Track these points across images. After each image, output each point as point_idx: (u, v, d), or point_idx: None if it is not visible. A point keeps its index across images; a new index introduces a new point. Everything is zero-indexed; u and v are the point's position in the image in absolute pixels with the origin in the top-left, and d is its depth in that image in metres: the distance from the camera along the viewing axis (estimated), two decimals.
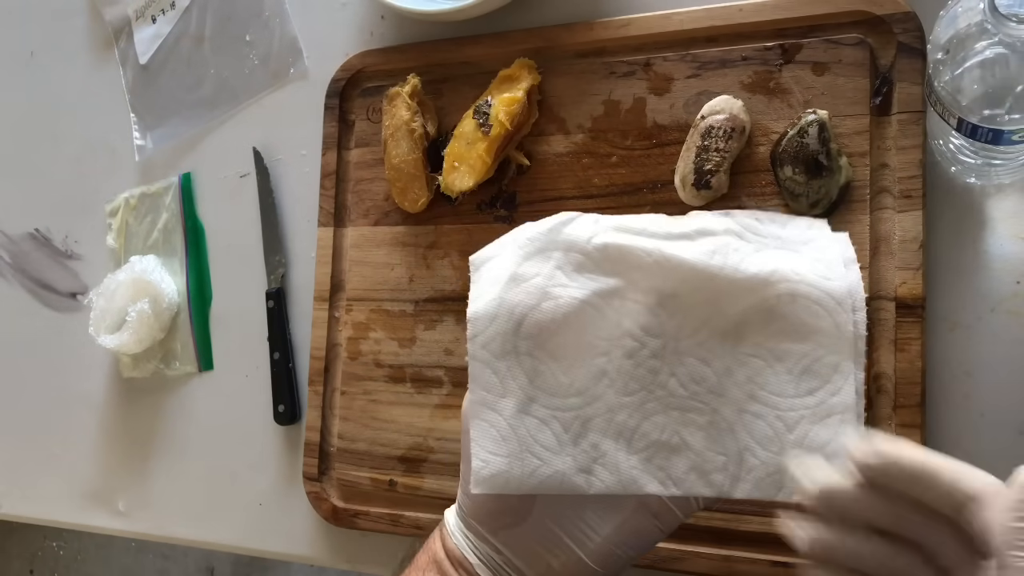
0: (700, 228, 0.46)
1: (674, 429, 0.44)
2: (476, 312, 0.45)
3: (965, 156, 0.51)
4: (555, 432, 0.44)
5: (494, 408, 0.44)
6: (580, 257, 0.45)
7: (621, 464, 0.44)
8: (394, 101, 0.65)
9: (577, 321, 0.45)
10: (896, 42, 0.53)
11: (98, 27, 0.88)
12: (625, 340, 0.44)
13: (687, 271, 0.44)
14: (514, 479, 0.43)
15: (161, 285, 0.78)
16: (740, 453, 0.44)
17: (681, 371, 0.44)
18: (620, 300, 0.45)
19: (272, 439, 0.72)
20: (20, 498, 0.86)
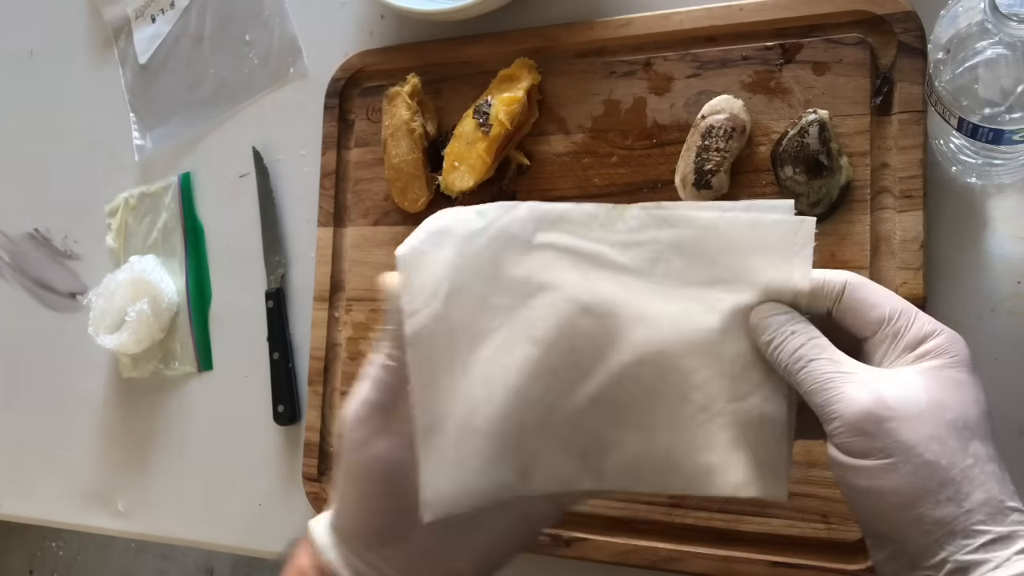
0: (637, 240, 0.41)
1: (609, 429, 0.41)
2: (416, 335, 0.41)
3: (966, 156, 0.50)
4: (495, 445, 0.40)
5: (440, 431, 0.40)
6: (517, 256, 0.41)
7: (557, 464, 0.40)
8: (394, 101, 0.65)
9: (520, 324, 0.41)
10: (897, 42, 0.53)
11: (98, 27, 0.88)
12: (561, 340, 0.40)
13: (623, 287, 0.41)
14: (465, 498, 0.39)
15: (160, 285, 0.78)
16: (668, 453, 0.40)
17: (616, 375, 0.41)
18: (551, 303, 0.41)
19: (272, 439, 0.72)
20: (20, 498, 0.86)
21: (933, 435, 0.33)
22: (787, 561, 0.52)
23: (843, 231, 0.53)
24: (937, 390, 0.34)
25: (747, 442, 0.40)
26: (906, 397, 0.34)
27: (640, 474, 0.41)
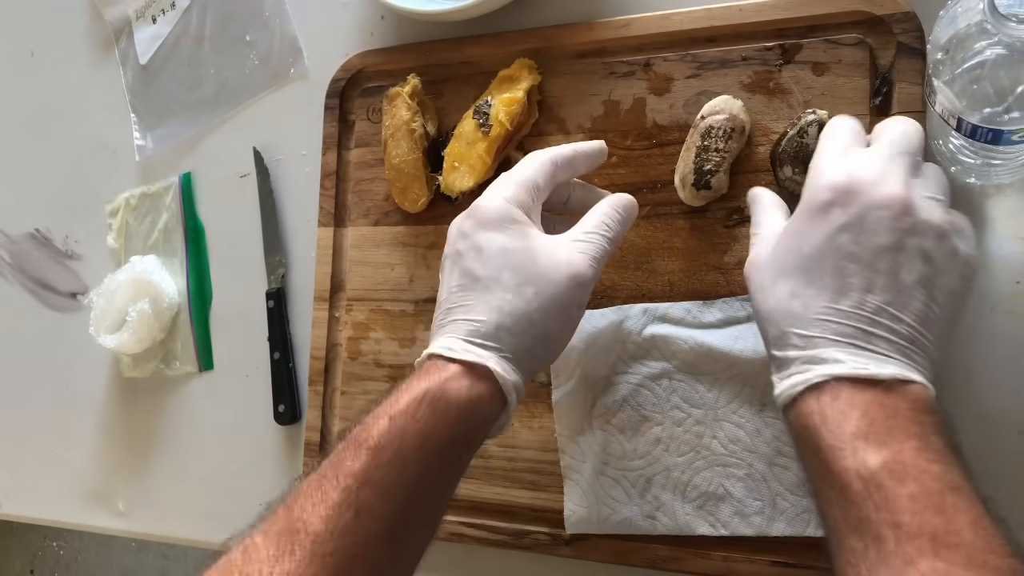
0: (726, 317, 0.55)
1: (719, 482, 0.54)
2: (559, 402, 0.58)
3: (965, 156, 0.51)
4: (624, 488, 0.56)
5: (578, 471, 0.57)
6: (634, 347, 0.57)
7: (678, 511, 0.55)
8: (394, 101, 0.65)
9: (634, 400, 0.57)
10: (896, 42, 0.53)
11: (98, 27, 0.88)
12: (674, 412, 0.56)
13: (717, 355, 0.55)
14: (594, 523, 0.56)
15: (161, 285, 0.78)
16: (773, 498, 0.53)
17: (721, 434, 0.54)
18: (668, 380, 0.56)
19: (272, 439, 0.72)
20: (21, 498, 0.86)
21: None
22: (787, 561, 0.52)
23: None
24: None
25: None
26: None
27: (749, 518, 0.53)
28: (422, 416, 0.43)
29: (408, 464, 0.42)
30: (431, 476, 0.43)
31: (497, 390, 0.44)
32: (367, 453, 0.42)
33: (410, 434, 0.42)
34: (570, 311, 0.47)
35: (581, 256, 0.47)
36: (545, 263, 0.46)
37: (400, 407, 0.43)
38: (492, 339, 0.45)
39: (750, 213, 0.50)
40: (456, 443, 0.44)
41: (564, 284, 0.46)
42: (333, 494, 0.41)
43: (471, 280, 0.47)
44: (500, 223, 0.47)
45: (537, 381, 0.60)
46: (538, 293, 0.45)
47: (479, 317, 0.46)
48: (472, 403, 0.44)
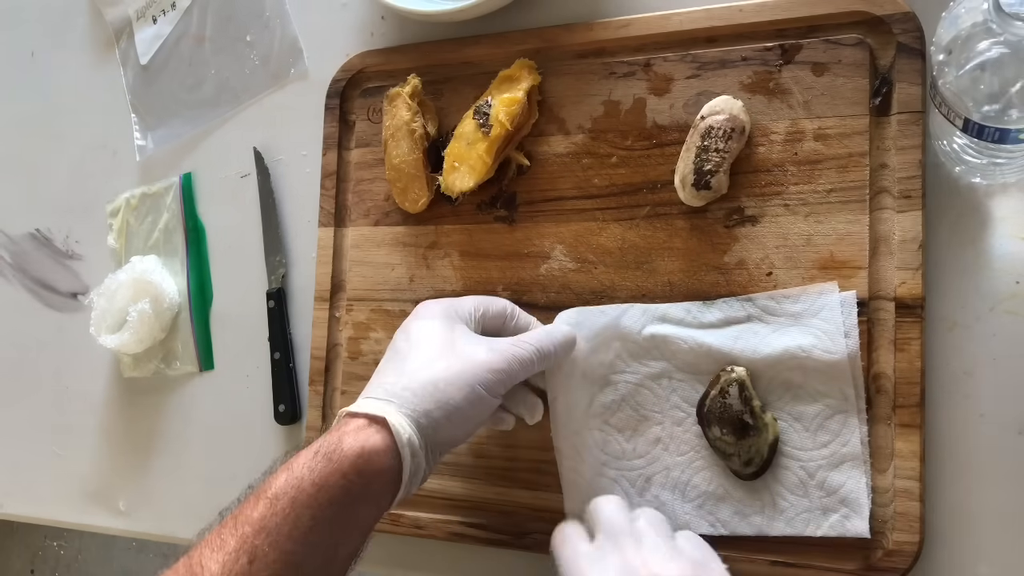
0: (726, 317, 0.55)
1: (719, 481, 0.54)
2: (555, 400, 0.58)
3: (969, 156, 0.51)
4: (624, 488, 0.56)
5: (577, 471, 0.57)
6: (634, 346, 0.57)
7: (678, 511, 0.55)
8: (394, 101, 0.65)
9: (634, 399, 0.57)
10: (896, 42, 0.53)
11: (99, 27, 0.88)
12: (674, 411, 0.56)
13: (717, 355, 0.54)
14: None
15: (162, 285, 0.78)
16: (773, 498, 0.53)
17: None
18: (667, 379, 0.56)
19: (273, 439, 0.72)
20: (21, 498, 0.86)
21: None
22: (787, 561, 0.52)
23: (841, 231, 0.53)
24: None
25: (833, 484, 0.51)
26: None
27: (749, 517, 0.53)
28: (318, 467, 0.45)
29: (301, 512, 0.44)
30: (324, 525, 0.44)
31: (392, 443, 0.46)
32: (265, 502, 0.44)
33: (306, 483, 0.44)
34: (476, 390, 0.49)
35: (501, 352, 0.51)
36: (462, 346, 0.51)
37: (300, 460, 0.46)
38: (395, 395, 0.48)
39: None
40: (350, 493, 0.45)
41: (475, 363, 0.50)
42: (231, 540, 0.43)
43: (393, 354, 0.52)
44: (432, 316, 0.53)
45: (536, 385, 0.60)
46: (447, 367, 0.49)
47: (388, 379, 0.50)
48: (366, 452, 0.46)
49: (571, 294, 0.60)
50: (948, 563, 0.51)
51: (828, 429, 0.52)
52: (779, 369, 0.53)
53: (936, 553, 0.51)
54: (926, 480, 0.50)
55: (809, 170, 0.55)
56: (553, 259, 0.61)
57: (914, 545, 0.49)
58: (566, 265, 0.61)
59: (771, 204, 0.55)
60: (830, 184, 0.54)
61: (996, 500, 0.50)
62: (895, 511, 0.50)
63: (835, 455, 0.51)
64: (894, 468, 0.51)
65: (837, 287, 0.52)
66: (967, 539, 0.50)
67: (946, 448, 0.51)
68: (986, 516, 0.50)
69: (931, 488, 0.51)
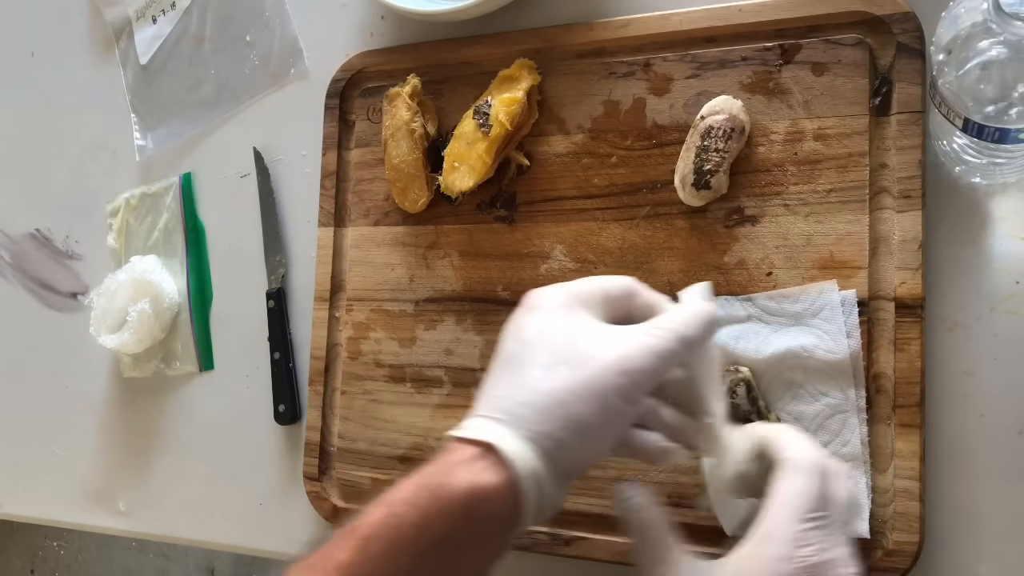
0: (727, 316, 0.55)
1: None
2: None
3: (969, 156, 0.51)
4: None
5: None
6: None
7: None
8: (394, 101, 0.65)
9: None
10: (895, 42, 0.53)
11: (98, 27, 0.88)
12: None
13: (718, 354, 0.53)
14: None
15: (162, 285, 0.78)
16: None
17: None
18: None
19: (272, 439, 0.72)
20: (21, 498, 0.86)
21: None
22: None
23: (841, 231, 0.53)
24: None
25: None
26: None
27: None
28: (422, 504, 0.37)
29: (400, 559, 0.37)
30: (425, 575, 0.38)
31: (510, 479, 0.38)
32: (356, 543, 0.37)
33: (406, 524, 0.37)
34: (609, 400, 0.39)
35: (635, 345, 0.40)
36: (588, 344, 0.41)
37: (400, 494, 0.38)
38: (511, 415, 0.39)
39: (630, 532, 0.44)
40: (459, 539, 0.38)
41: (606, 367, 0.39)
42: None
43: (506, 360, 0.42)
44: (548, 308, 0.43)
45: None
46: (572, 372, 0.39)
47: (503, 392, 0.41)
48: (477, 491, 0.37)
49: None
50: (948, 563, 0.51)
51: (828, 429, 0.52)
52: (780, 369, 0.53)
53: (936, 553, 0.51)
54: (926, 480, 0.50)
55: (809, 170, 0.55)
56: (553, 259, 0.61)
57: (914, 545, 0.49)
58: (566, 265, 0.61)
59: (771, 204, 0.55)
60: (830, 184, 0.54)
61: (996, 500, 0.50)
62: (895, 511, 0.50)
63: (835, 455, 0.51)
64: (894, 468, 0.51)
65: (837, 286, 0.52)
66: (967, 539, 0.50)
67: (946, 448, 0.51)
68: (986, 516, 0.50)
69: (931, 488, 0.51)
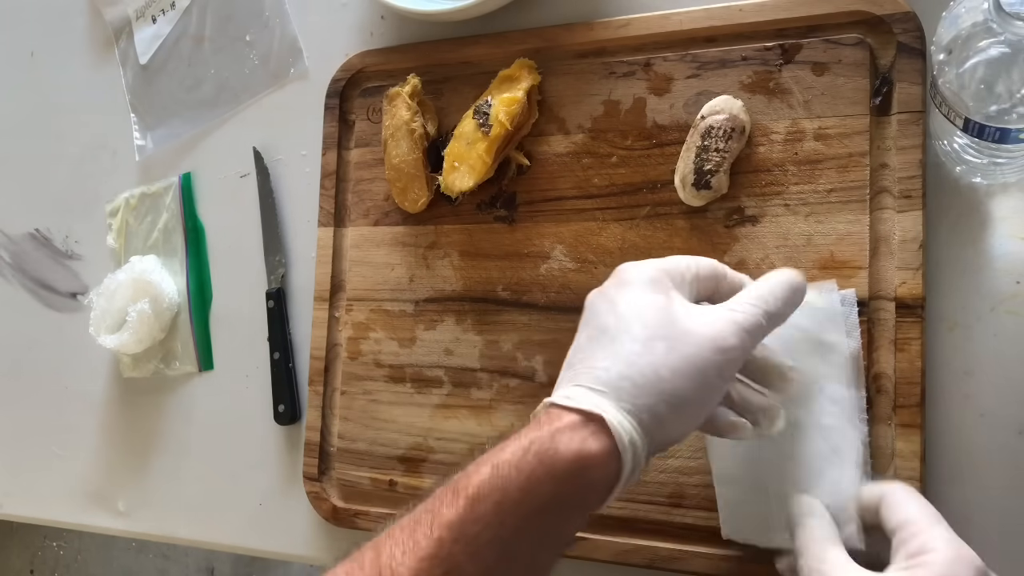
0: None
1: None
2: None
3: (969, 155, 0.51)
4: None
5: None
6: None
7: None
8: (394, 101, 0.65)
9: None
10: (896, 42, 0.53)
11: (98, 27, 0.88)
12: None
13: None
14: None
15: (161, 285, 0.78)
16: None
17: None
18: None
19: (272, 439, 0.72)
20: (21, 498, 0.86)
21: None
22: None
23: (842, 231, 0.53)
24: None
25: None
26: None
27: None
28: (527, 467, 0.39)
29: (506, 519, 0.39)
30: (530, 537, 0.39)
31: (613, 448, 0.40)
32: (465, 502, 0.39)
33: (513, 486, 0.39)
34: (708, 376, 0.41)
35: (727, 322, 0.42)
36: (683, 322, 0.42)
37: (505, 456, 0.40)
38: (612, 387, 0.41)
39: (793, 530, 0.46)
40: (563, 503, 0.40)
41: (702, 345, 0.41)
42: (424, 543, 0.38)
43: (599, 332, 0.43)
44: (642, 284, 0.44)
45: None
46: (670, 349, 0.41)
47: (601, 364, 0.42)
48: (583, 458, 0.39)
49: (571, 294, 0.60)
50: None
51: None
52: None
53: None
54: (926, 480, 0.50)
55: (809, 170, 0.55)
56: (553, 259, 0.61)
57: None
58: (566, 265, 0.61)
59: (771, 204, 0.55)
60: (830, 184, 0.54)
61: (996, 500, 0.50)
62: None
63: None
64: (894, 468, 0.51)
65: (836, 285, 0.52)
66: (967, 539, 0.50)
67: (946, 448, 0.51)
68: (986, 516, 0.50)
69: (931, 488, 0.51)
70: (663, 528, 0.56)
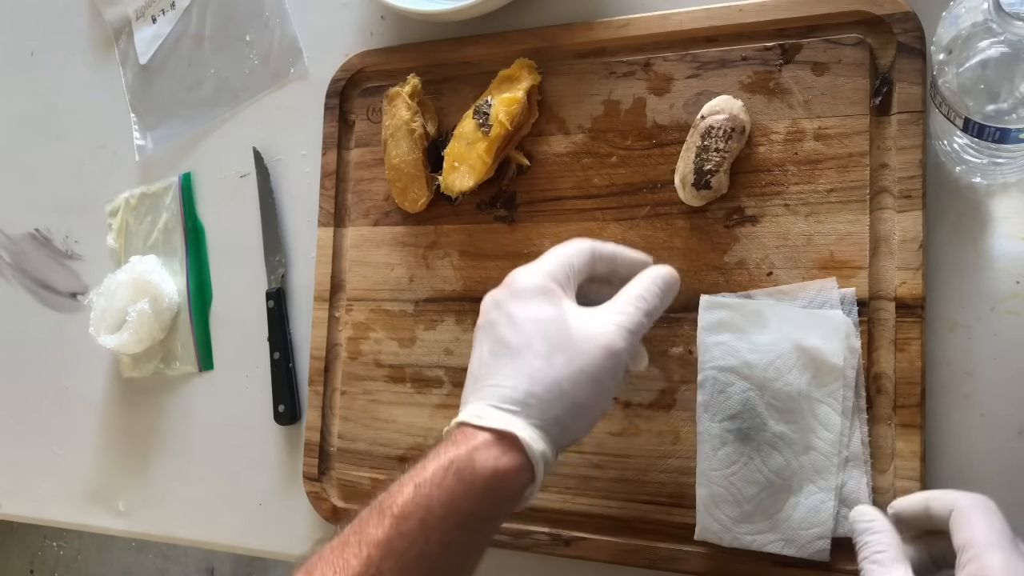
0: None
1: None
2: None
3: (969, 155, 0.51)
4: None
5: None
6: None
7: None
8: (394, 101, 0.65)
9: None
10: (896, 42, 0.53)
11: (98, 27, 0.88)
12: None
13: None
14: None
15: (161, 285, 0.78)
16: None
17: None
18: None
19: (272, 439, 0.72)
20: (20, 498, 0.86)
21: None
22: (787, 560, 0.52)
23: (842, 231, 0.53)
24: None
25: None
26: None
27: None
28: (448, 485, 0.42)
29: (431, 535, 0.41)
30: (453, 549, 0.42)
31: (525, 461, 0.43)
32: (390, 521, 0.41)
33: (435, 503, 0.41)
34: (603, 382, 0.45)
35: (614, 327, 0.46)
36: (577, 332, 0.46)
37: (427, 475, 0.42)
38: (520, 405, 0.44)
39: (856, 543, 0.47)
40: (481, 516, 0.43)
41: (596, 354, 0.45)
42: (354, 562, 0.40)
43: (502, 347, 0.46)
44: (533, 294, 0.47)
45: None
46: (569, 361, 0.45)
47: (508, 383, 0.45)
48: (499, 474, 0.42)
49: None
50: None
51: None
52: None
53: None
54: (926, 480, 0.50)
55: (809, 170, 0.55)
56: None
57: None
58: None
59: (771, 204, 0.55)
60: (830, 184, 0.54)
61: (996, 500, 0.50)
62: None
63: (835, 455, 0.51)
64: (894, 468, 0.51)
65: (836, 284, 0.52)
66: None
67: (946, 448, 0.51)
68: None
69: (931, 488, 0.51)
70: (663, 528, 0.56)
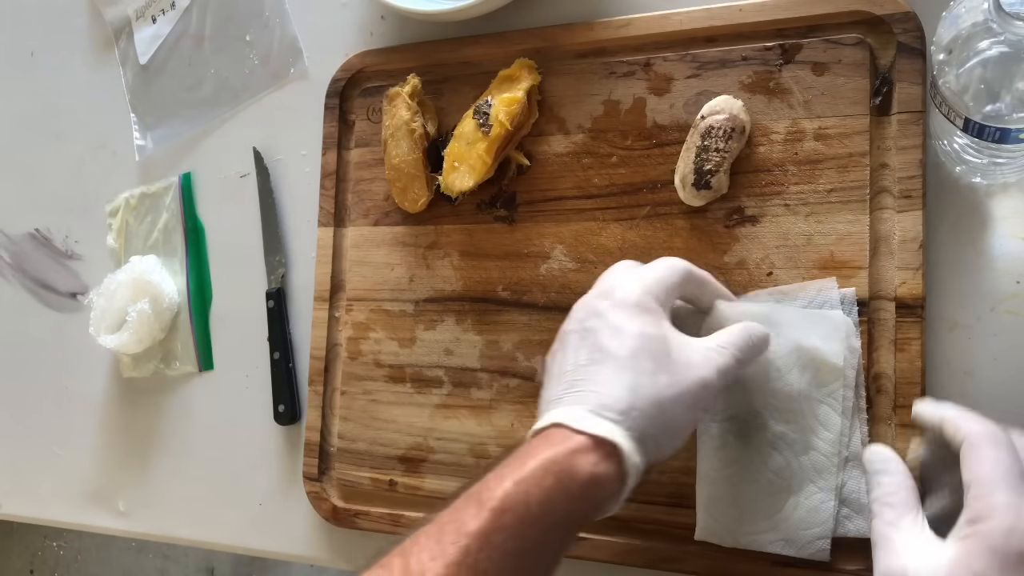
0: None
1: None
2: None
3: (969, 155, 0.51)
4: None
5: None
6: None
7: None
8: (394, 101, 0.65)
9: None
10: (896, 42, 0.53)
11: (98, 27, 0.88)
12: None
13: None
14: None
15: (161, 285, 0.78)
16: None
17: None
18: None
19: (272, 439, 0.72)
20: (20, 498, 0.86)
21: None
22: (787, 560, 0.52)
23: (842, 231, 0.53)
24: (957, 570, 0.40)
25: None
26: (922, 573, 0.41)
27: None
28: (548, 485, 0.42)
29: (528, 532, 0.41)
30: (546, 548, 0.42)
31: (620, 471, 0.43)
32: (489, 513, 0.41)
33: (533, 501, 0.42)
34: (693, 411, 0.46)
35: (711, 363, 0.47)
36: (679, 358, 0.46)
37: (525, 472, 0.42)
38: (622, 415, 0.44)
39: (869, 484, 0.48)
40: (573, 519, 0.43)
41: (694, 382, 0.46)
42: (451, 551, 0.40)
43: (603, 355, 0.46)
44: (637, 309, 0.47)
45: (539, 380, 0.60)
46: (671, 384, 0.45)
47: (611, 392, 0.45)
48: (596, 480, 0.43)
49: (571, 294, 0.60)
50: None
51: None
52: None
53: None
54: None
55: (809, 170, 0.55)
56: (553, 259, 0.61)
57: None
58: (566, 265, 0.61)
59: (771, 204, 0.55)
60: (830, 184, 0.54)
61: None
62: None
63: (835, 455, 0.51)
64: None
65: (836, 284, 0.52)
66: None
67: None
68: None
69: None
70: (663, 528, 0.56)
